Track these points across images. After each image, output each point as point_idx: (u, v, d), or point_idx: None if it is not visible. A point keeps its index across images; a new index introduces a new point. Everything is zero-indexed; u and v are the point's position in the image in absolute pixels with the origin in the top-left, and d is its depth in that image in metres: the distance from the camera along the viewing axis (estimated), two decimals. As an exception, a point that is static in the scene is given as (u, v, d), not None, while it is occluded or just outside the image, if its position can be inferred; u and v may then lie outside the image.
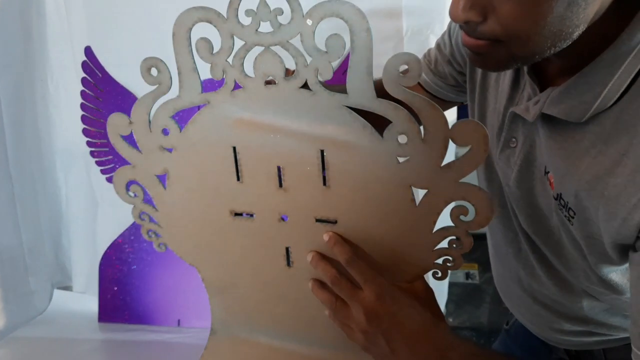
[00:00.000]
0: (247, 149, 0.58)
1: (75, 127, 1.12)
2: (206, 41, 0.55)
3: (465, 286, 1.19)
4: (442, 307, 1.07)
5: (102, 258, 1.13)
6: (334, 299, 0.58)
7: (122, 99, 1.11)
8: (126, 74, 1.10)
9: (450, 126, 0.51)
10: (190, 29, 0.55)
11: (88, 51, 1.09)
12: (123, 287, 1.12)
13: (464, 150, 0.53)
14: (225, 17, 0.53)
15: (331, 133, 0.56)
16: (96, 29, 1.08)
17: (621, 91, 0.49)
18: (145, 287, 1.12)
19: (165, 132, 0.60)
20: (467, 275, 1.18)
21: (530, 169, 0.61)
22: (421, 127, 0.53)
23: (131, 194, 0.64)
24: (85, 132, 1.13)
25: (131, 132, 0.61)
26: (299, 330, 0.66)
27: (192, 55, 0.56)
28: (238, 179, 0.59)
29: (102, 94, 1.11)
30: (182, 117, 0.61)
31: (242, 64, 0.56)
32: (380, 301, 0.55)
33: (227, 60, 0.55)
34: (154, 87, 0.58)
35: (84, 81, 1.11)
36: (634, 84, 0.48)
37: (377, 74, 0.53)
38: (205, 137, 0.59)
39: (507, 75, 0.63)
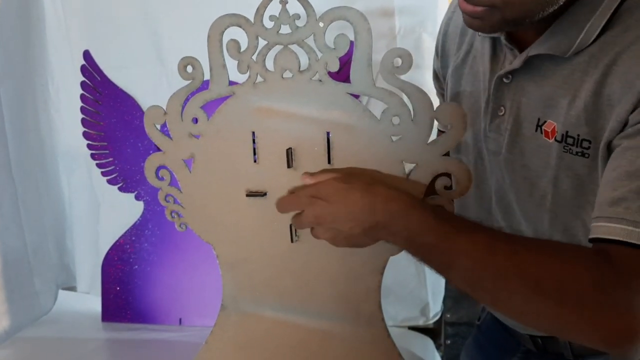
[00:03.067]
0: (264, 133, 0.75)
1: (77, 130, 1.24)
2: (235, 42, 0.73)
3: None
4: (440, 303, 1.21)
5: (105, 258, 1.26)
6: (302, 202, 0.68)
7: (121, 102, 1.24)
8: (124, 76, 1.23)
9: (435, 108, 0.69)
10: (223, 32, 0.73)
11: (87, 55, 1.24)
12: (125, 287, 1.25)
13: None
14: (252, 21, 0.71)
15: (336, 117, 0.73)
16: (94, 32, 1.22)
17: (602, 25, 0.63)
18: (146, 287, 1.25)
19: (194, 120, 0.76)
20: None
21: (521, 131, 0.72)
22: (411, 110, 0.71)
23: (160, 177, 0.79)
24: (85, 135, 1.27)
25: (164, 122, 0.77)
26: (302, 303, 0.79)
27: (223, 54, 0.74)
28: (255, 160, 0.75)
29: (101, 97, 1.27)
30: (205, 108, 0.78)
31: (264, 60, 0.73)
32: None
33: (252, 57, 0.73)
34: (188, 82, 0.75)
35: (83, 85, 1.25)
36: (613, 18, 0.63)
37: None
38: (229, 124, 0.75)
39: (485, 56, 0.77)
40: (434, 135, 0.72)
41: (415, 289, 1.17)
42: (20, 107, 1.23)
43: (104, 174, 1.28)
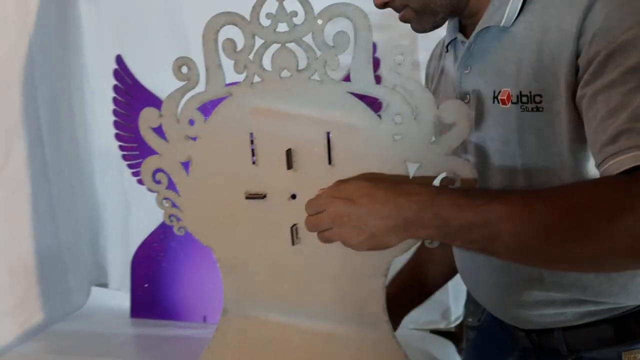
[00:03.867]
0: (263, 135, 0.73)
1: (109, 132, 1.30)
2: (231, 41, 0.72)
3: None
4: (462, 307, 1.18)
5: (134, 256, 1.30)
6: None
7: (151, 104, 1.28)
8: (154, 80, 1.28)
9: (438, 106, 0.67)
10: (218, 31, 0.72)
11: (119, 59, 1.29)
12: (153, 285, 1.29)
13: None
14: (249, 19, 0.70)
15: (336, 117, 0.71)
16: (126, 38, 1.28)
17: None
18: (173, 285, 1.28)
19: (191, 122, 0.75)
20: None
21: (483, 109, 0.78)
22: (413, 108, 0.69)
23: (157, 181, 0.79)
24: (117, 136, 1.31)
25: (160, 124, 0.76)
26: (304, 306, 0.77)
27: (218, 54, 0.73)
28: (253, 162, 0.74)
29: (132, 100, 1.30)
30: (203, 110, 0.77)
31: (262, 59, 0.72)
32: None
33: (249, 57, 0.72)
34: (183, 83, 0.74)
35: (115, 88, 1.30)
36: None
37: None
38: (226, 125, 0.74)
39: (451, 65, 0.86)
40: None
41: (437, 293, 1.13)
42: (56, 110, 1.29)
43: (134, 174, 1.32)
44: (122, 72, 1.29)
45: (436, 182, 0.70)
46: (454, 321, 1.15)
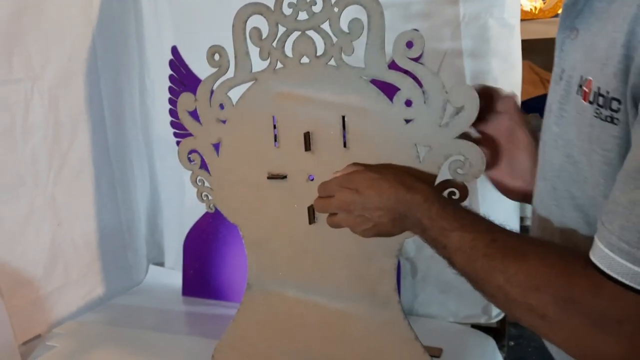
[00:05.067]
0: (284, 118, 0.81)
1: (168, 119, 1.42)
2: (257, 30, 0.80)
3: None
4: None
5: (186, 238, 1.42)
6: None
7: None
8: (207, 70, 1.37)
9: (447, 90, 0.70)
10: (246, 20, 0.80)
11: (174, 50, 1.39)
12: (203, 265, 1.40)
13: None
14: (272, 9, 0.77)
15: (351, 101, 0.77)
16: (181, 30, 1.38)
17: None
18: (222, 266, 1.38)
19: (221, 106, 0.84)
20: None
21: (569, 97, 0.61)
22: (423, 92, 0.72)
23: (191, 161, 0.89)
24: (172, 124, 1.43)
25: (195, 108, 0.86)
26: (320, 283, 0.84)
27: (246, 42, 0.80)
28: (275, 144, 0.81)
29: (186, 89, 1.40)
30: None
31: (284, 46, 0.79)
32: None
33: (272, 44, 0.79)
34: (216, 69, 0.83)
35: (171, 78, 1.41)
36: None
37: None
38: (251, 109, 0.82)
39: None
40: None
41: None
42: (118, 97, 1.42)
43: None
44: (177, 63, 1.39)
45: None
46: (495, 316, 1.14)
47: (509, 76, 1.10)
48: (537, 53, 1.08)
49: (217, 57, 0.83)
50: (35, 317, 1.22)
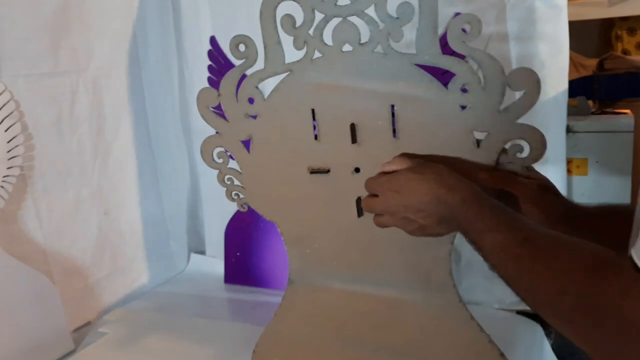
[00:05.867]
0: (325, 110, 0.69)
1: None
2: (290, 17, 0.67)
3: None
4: None
5: (227, 227, 1.33)
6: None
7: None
8: None
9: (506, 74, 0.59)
10: (276, 7, 0.68)
11: (213, 41, 1.29)
12: (244, 253, 1.31)
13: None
14: (307, -5, 0.65)
15: (401, 89, 0.65)
16: (219, 20, 1.27)
17: None
18: (262, 254, 1.29)
19: (250, 101, 0.72)
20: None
21: None
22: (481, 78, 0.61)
23: (217, 160, 0.77)
24: (211, 114, 1.33)
25: (219, 103, 0.74)
26: (370, 273, 0.74)
27: (277, 31, 0.69)
28: (316, 138, 0.70)
29: (225, 79, 1.31)
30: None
31: (322, 34, 0.67)
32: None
33: (309, 32, 0.67)
34: (241, 61, 0.71)
35: (210, 68, 1.30)
36: None
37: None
38: (287, 102, 0.70)
39: None
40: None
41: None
42: (158, 89, 1.32)
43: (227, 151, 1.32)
44: (215, 53, 1.29)
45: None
46: None
47: (556, 60, 0.97)
48: (570, 36, 0.97)
49: (242, 47, 0.71)
50: (85, 304, 1.15)
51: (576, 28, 1.01)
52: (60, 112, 1.08)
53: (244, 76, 0.72)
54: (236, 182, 0.77)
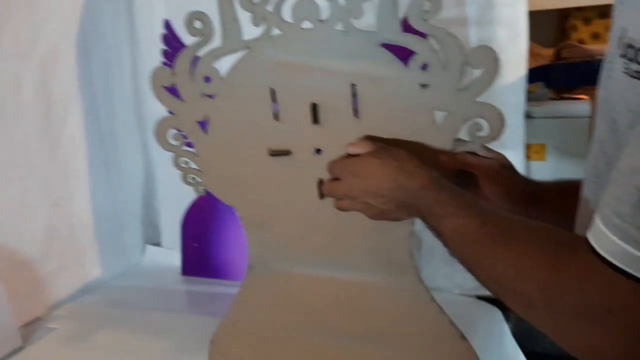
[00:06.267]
0: (285, 89, 0.67)
1: None
2: (248, -8, 0.66)
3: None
4: None
5: (184, 217, 1.30)
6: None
7: None
8: None
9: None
10: (233, -18, 0.66)
11: (167, 24, 1.25)
12: (202, 244, 1.28)
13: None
14: (265, -31, 0.63)
15: (362, 68, 0.64)
16: (173, 2, 1.23)
17: None
18: (221, 245, 1.27)
19: (206, 79, 0.70)
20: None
21: (616, 54, 0.48)
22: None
23: (172, 142, 0.74)
24: (166, 100, 1.30)
25: (173, 83, 0.71)
26: (332, 257, 0.73)
27: (234, 6, 0.67)
28: (275, 118, 0.69)
29: (181, 64, 1.28)
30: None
31: (281, 10, 0.65)
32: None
33: (267, 8, 0.66)
34: (197, 39, 0.68)
35: (164, 53, 1.27)
36: None
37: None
38: (245, 81, 0.68)
39: None
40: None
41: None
42: (109, 75, 1.28)
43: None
44: (170, 37, 1.25)
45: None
46: None
47: (515, 44, 0.99)
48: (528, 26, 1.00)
49: (198, 24, 0.69)
50: (34, 299, 1.10)
51: (534, 18, 1.03)
52: (4, 100, 1.03)
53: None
54: (193, 165, 0.75)
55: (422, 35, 0.62)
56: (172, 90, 0.73)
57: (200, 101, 0.71)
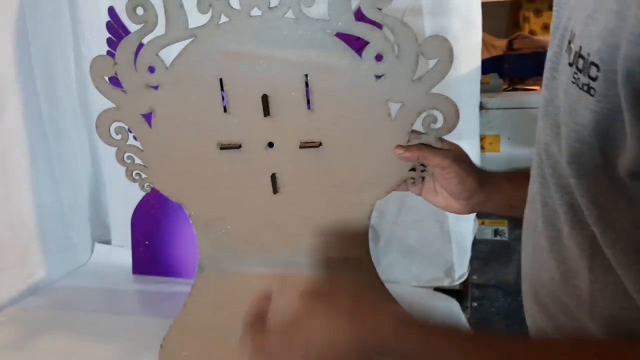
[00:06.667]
0: (234, 80, 0.64)
1: None
2: (193, -23, 0.63)
3: (493, 243, 1.20)
4: (466, 264, 1.09)
5: (133, 214, 1.24)
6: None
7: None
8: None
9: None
10: (177, -34, 0.63)
11: (111, 11, 1.19)
12: (153, 242, 1.24)
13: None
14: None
15: (314, 57, 0.62)
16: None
17: None
18: (172, 242, 1.23)
19: (150, 69, 0.66)
20: (496, 232, 1.20)
21: (561, 55, 0.46)
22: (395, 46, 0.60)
23: (115, 136, 0.70)
24: (112, 91, 1.24)
25: (115, 73, 0.67)
26: (286, 255, 0.72)
27: None
28: (225, 110, 0.66)
29: (127, 53, 1.22)
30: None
31: (228, -3, 0.63)
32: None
33: (213, -6, 0.63)
34: (140, 26, 0.64)
35: (109, 41, 1.21)
36: None
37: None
38: (191, 72, 0.65)
39: None
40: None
41: (440, 249, 1.05)
42: (51, 64, 1.21)
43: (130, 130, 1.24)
44: (115, 25, 1.19)
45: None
46: (458, 279, 1.07)
47: (469, 35, 0.98)
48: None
49: (140, 10, 0.64)
50: (-30, 304, 1.05)
51: (487, 9, 1.03)
52: None
53: (142, 43, 0.66)
54: (137, 161, 0.71)
55: (377, 24, 0.60)
56: (117, 81, 0.69)
57: (144, 92, 0.67)
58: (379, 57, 0.61)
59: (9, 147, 1.11)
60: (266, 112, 0.65)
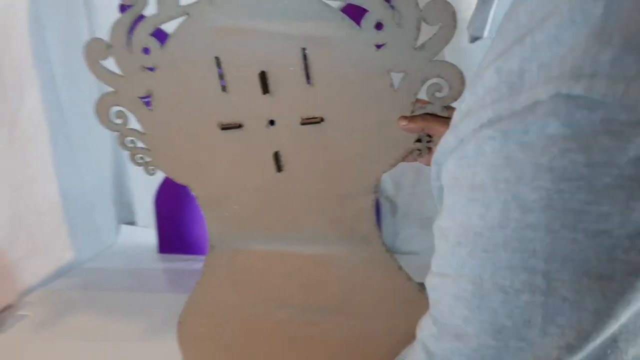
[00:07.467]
0: (230, 58, 0.62)
1: None
2: (182, -48, 0.60)
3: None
4: None
5: (157, 194, 1.25)
6: None
7: (161, 39, 1.17)
8: None
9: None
10: (166, -61, 0.60)
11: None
12: (177, 221, 1.24)
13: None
14: None
15: (311, 29, 0.59)
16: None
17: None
18: (196, 219, 1.23)
19: (145, 51, 0.64)
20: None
21: None
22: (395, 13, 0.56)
23: (116, 121, 0.69)
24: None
25: (109, 56, 0.65)
26: (293, 232, 0.70)
27: None
28: (223, 89, 0.64)
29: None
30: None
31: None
32: None
33: (204, -31, 0.60)
34: (131, 6, 0.62)
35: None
36: None
37: None
38: (187, 51, 0.62)
39: None
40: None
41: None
42: (67, 51, 1.20)
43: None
44: (128, 7, 1.18)
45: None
46: None
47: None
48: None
49: None
50: (3, 287, 1.07)
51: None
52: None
53: (136, 23, 0.64)
54: (140, 144, 0.70)
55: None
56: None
57: (140, 75, 0.65)
58: (378, 26, 0.57)
59: (32, 134, 1.12)
60: (265, 89, 0.63)
